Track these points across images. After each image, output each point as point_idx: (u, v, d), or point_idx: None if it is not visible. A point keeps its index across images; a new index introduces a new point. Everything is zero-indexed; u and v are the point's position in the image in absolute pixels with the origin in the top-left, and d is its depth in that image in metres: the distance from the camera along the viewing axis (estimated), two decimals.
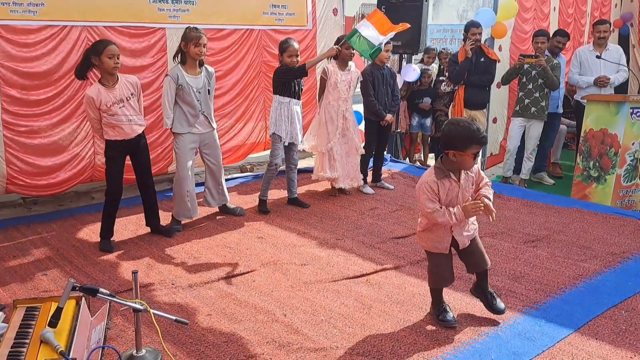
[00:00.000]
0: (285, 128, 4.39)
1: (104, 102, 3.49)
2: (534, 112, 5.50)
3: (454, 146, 2.54)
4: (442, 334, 2.68)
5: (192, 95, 3.87)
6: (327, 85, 4.69)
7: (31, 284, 3.19)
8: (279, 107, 4.41)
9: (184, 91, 3.83)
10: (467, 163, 2.56)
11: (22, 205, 4.61)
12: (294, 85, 4.40)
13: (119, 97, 3.54)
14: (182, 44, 3.84)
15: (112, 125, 3.55)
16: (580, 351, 2.54)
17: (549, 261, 3.55)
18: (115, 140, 3.59)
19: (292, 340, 2.61)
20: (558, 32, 5.84)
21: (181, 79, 3.81)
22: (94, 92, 3.49)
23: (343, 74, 4.70)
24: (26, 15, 4.00)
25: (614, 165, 4.89)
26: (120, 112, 3.54)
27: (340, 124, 4.74)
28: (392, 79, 5.06)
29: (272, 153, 4.49)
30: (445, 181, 2.60)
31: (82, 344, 2.07)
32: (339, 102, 4.71)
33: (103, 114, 3.52)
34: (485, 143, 2.59)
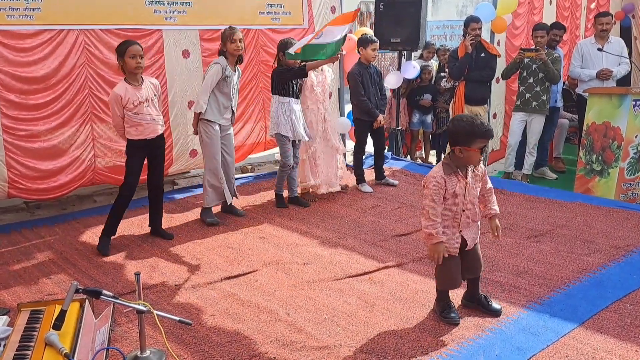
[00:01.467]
0: (290, 127, 4.39)
1: (131, 101, 3.53)
2: (535, 106, 5.48)
3: (460, 142, 2.54)
4: (446, 330, 2.68)
5: (230, 88, 4.11)
6: (304, 90, 4.61)
7: (35, 288, 3.20)
8: (279, 107, 4.40)
9: (226, 82, 4.05)
10: (473, 158, 2.56)
11: (25, 209, 4.63)
12: (292, 85, 4.39)
13: (144, 96, 3.59)
14: (220, 44, 4.10)
15: (135, 124, 3.59)
16: (585, 345, 2.53)
17: (553, 256, 3.54)
18: (138, 139, 3.62)
19: (295, 339, 2.61)
20: (554, 25, 5.82)
21: (227, 70, 4.04)
22: (122, 90, 3.53)
23: (318, 75, 4.63)
24: (23, 20, 4.02)
25: (617, 159, 4.87)
26: (146, 111, 3.60)
27: (321, 127, 4.70)
28: (379, 77, 5.02)
29: (284, 154, 4.47)
30: (453, 177, 2.59)
31: (86, 346, 2.08)
32: (317, 105, 4.66)
33: (127, 112, 3.55)
34: (490, 137, 2.57)
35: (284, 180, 4.61)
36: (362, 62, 4.89)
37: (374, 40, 4.82)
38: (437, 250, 2.59)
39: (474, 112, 5.63)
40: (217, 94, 4.07)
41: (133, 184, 3.71)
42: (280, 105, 4.40)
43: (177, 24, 4.77)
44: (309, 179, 4.75)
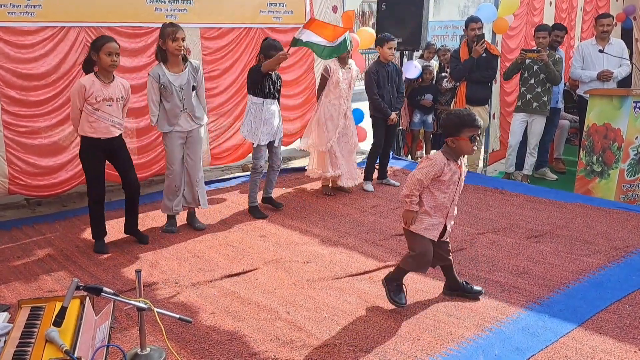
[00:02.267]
0: (253, 130, 4.24)
1: (95, 95, 3.40)
2: (536, 107, 5.48)
3: (451, 133, 2.74)
4: (445, 330, 2.68)
5: (175, 94, 3.75)
6: (329, 84, 4.66)
7: (35, 284, 3.20)
8: (251, 107, 4.26)
9: (166, 90, 3.72)
10: (465, 147, 2.72)
11: (26, 206, 4.64)
12: (267, 86, 4.23)
13: (110, 95, 3.46)
14: (159, 41, 3.72)
15: (91, 120, 3.44)
16: (584, 346, 2.54)
17: (553, 256, 3.54)
18: (91, 137, 3.48)
19: (295, 338, 2.62)
20: (556, 26, 5.82)
21: (162, 77, 3.70)
22: (88, 81, 3.40)
23: (344, 72, 4.68)
24: (24, 17, 4.02)
25: (617, 160, 4.87)
26: (106, 110, 3.46)
27: (342, 123, 4.73)
28: (398, 76, 5.03)
29: (255, 155, 4.36)
30: (452, 164, 2.76)
31: (86, 343, 2.08)
32: (340, 100, 4.69)
33: (87, 105, 3.41)
34: (478, 126, 2.73)
35: (257, 187, 4.41)
36: (381, 61, 4.92)
37: (390, 39, 4.84)
38: (410, 216, 2.82)
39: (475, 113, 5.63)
40: (163, 103, 3.77)
41: (98, 190, 3.57)
42: (252, 105, 4.25)
43: (178, 22, 4.76)
44: (328, 170, 4.77)
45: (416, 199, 2.78)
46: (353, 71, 4.78)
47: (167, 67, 3.73)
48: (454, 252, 3.62)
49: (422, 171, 2.74)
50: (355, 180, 4.96)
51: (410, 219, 2.81)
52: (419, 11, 5.67)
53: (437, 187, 2.76)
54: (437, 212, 2.80)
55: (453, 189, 2.79)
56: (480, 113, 5.65)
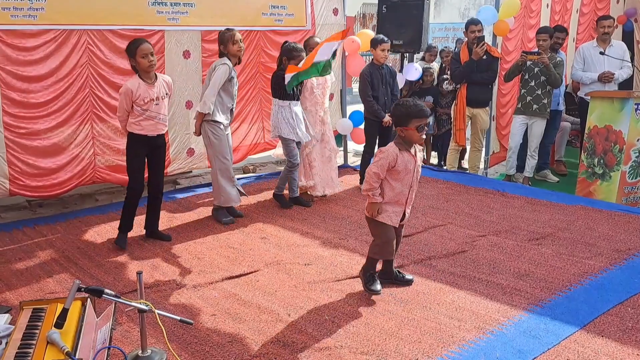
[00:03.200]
0: (290, 129, 4.41)
1: (142, 97, 3.54)
2: (536, 109, 5.48)
3: (400, 123, 2.90)
4: (447, 332, 2.68)
5: (234, 89, 4.13)
6: (303, 91, 4.63)
7: (37, 286, 3.20)
8: (279, 110, 4.43)
9: (231, 83, 4.06)
10: (413, 136, 2.87)
11: (28, 208, 4.64)
12: (292, 89, 4.35)
13: (156, 94, 3.60)
14: (220, 47, 4.05)
15: (140, 120, 3.59)
16: (586, 349, 2.53)
17: (554, 259, 3.54)
18: (139, 134, 3.62)
19: (296, 340, 2.62)
20: (557, 28, 5.82)
21: (233, 71, 4.06)
22: (134, 85, 3.53)
23: (318, 78, 4.63)
24: (26, 20, 4.03)
25: (618, 162, 4.87)
26: (154, 109, 3.61)
27: (319, 129, 4.73)
28: (392, 78, 5.02)
29: (290, 154, 4.50)
30: (405, 154, 2.90)
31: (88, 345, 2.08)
32: (316, 107, 4.69)
33: (136, 107, 3.56)
34: (424, 115, 2.85)
35: (287, 180, 4.62)
36: (374, 63, 4.91)
37: (383, 41, 4.82)
38: (374, 208, 2.95)
39: (475, 114, 5.64)
40: (222, 94, 4.07)
41: (138, 183, 3.71)
42: (280, 108, 4.43)
43: (180, 24, 4.78)
44: (300, 179, 4.77)
45: (377, 190, 2.91)
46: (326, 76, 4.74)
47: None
48: (455, 254, 3.63)
49: (376, 164, 2.89)
50: (335, 188, 4.89)
51: (375, 210, 2.94)
52: (419, 13, 5.67)
53: (394, 177, 2.92)
54: (396, 200, 2.95)
55: (410, 177, 2.93)
56: (481, 115, 5.66)
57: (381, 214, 2.96)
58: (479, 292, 3.09)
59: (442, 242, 3.85)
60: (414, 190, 3.00)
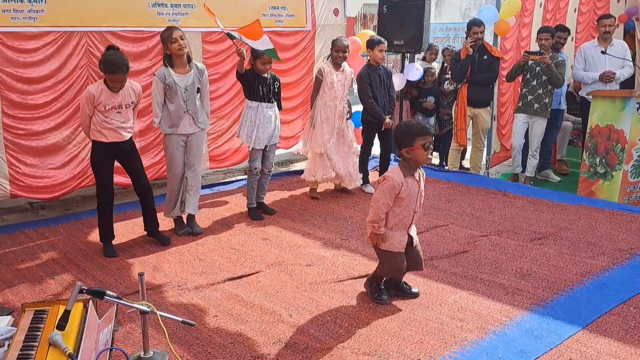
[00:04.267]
0: (247, 133, 4.28)
1: (104, 103, 3.45)
2: (537, 108, 5.47)
3: (404, 145, 2.77)
4: (449, 333, 2.67)
5: (179, 94, 3.77)
6: (323, 86, 4.66)
7: (39, 288, 3.21)
8: (247, 111, 4.33)
9: (171, 90, 3.75)
10: (420, 156, 2.76)
11: (30, 210, 4.65)
12: (261, 89, 4.26)
13: (119, 102, 3.51)
14: (163, 47, 3.81)
15: (101, 127, 3.50)
16: (589, 348, 2.53)
17: (556, 259, 3.53)
18: (102, 141, 3.54)
19: (298, 341, 2.61)
20: (559, 27, 5.81)
21: (168, 77, 3.74)
22: (96, 90, 3.45)
23: (338, 74, 4.68)
24: (26, 22, 4.04)
25: (620, 162, 4.86)
26: (114, 117, 3.51)
27: (337, 124, 4.75)
28: (389, 78, 5.03)
29: (250, 158, 4.41)
30: (410, 179, 2.82)
31: (90, 347, 2.08)
32: (335, 102, 4.70)
33: (97, 112, 3.48)
34: (428, 133, 2.77)
35: (254, 189, 4.43)
36: (371, 64, 4.92)
37: (380, 42, 4.83)
38: (377, 238, 2.89)
39: (476, 114, 5.63)
40: (167, 104, 3.80)
41: (107, 192, 3.61)
42: (247, 109, 4.32)
43: (180, 26, 4.78)
44: (323, 172, 4.77)
45: (382, 222, 2.84)
46: (347, 73, 4.78)
47: (173, 69, 3.78)
48: (457, 254, 3.63)
49: (383, 194, 2.79)
50: (355, 182, 4.97)
51: (378, 240, 2.88)
52: (420, 13, 5.67)
53: (397, 204, 2.82)
54: (400, 227, 2.88)
55: (413, 203, 2.85)
56: (482, 115, 5.65)
57: (385, 242, 2.88)
58: (481, 292, 3.08)
59: (443, 242, 3.84)
60: (418, 214, 2.93)
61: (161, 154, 4.88)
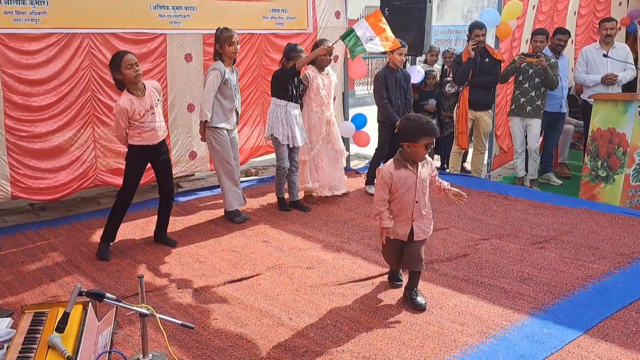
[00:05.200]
0: (282, 131, 4.40)
1: (137, 112, 3.50)
2: (530, 111, 5.47)
3: (408, 139, 2.82)
4: (449, 337, 2.66)
5: (232, 91, 4.08)
6: (309, 92, 4.62)
7: (39, 290, 3.21)
8: (275, 109, 4.43)
9: (227, 85, 4.02)
10: (419, 153, 2.83)
11: (30, 211, 4.65)
12: (291, 89, 4.39)
13: (149, 105, 3.56)
14: (216, 45, 4.01)
15: (139, 132, 3.57)
16: (590, 353, 2.51)
17: (557, 262, 3.52)
18: (140, 145, 3.60)
19: (298, 344, 2.61)
20: (559, 30, 5.81)
21: (227, 73, 4.01)
22: (127, 103, 3.48)
23: (323, 78, 4.64)
24: (29, 24, 4.04)
25: (622, 165, 4.85)
26: (152, 118, 3.58)
27: (324, 130, 4.71)
28: (406, 81, 5.01)
29: (278, 156, 4.52)
30: (402, 171, 2.87)
31: (89, 349, 2.08)
32: (322, 107, 4.67)
33: (134, 122, 3.53)
34: (435, 134, 2.83)
35: (283, 183, 4.62)
36: (390, 66, 4.92)
37: (401, 45, 4.83)
38: (383, 231, 2.94)
39: (478, 117, 5.62)
40: (220, 98, 4.06)
41: (131, 192, 3.68)
42: (276, 107, 4.42)
43: (182, 28, 4.80)
44: (308, 182, 4.77)
45: (386, 213, 2.89)
46: (331, 76, 4.75)
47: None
48: (458, 257, 3.61)
49: (377, 189, 2.90)
50: (341, 189, 4.91)
51: (386, 232, 2.94)
52: (422, 16, 5.67)
53: (391, 194, 2.89)
54: (401, 216, 2.91)
55: (412, 193, 2.87)
56: (483, 118, 5.64)
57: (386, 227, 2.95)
58: (482, 296, 3.07)
59: (444, 245, 3.83)
60: (421, 204, 2.91)
61: None
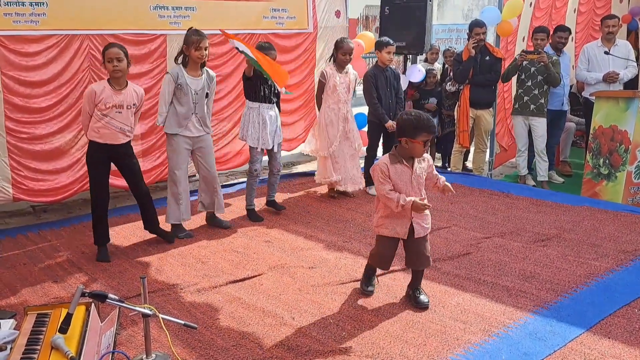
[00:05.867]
0: (252, 134, 4.29)
1: (104, 101, 3.42)
2: (533, 109, 5.45)
3: (406, 134, 2.78)
4: (452, 335, 2.66)
5: (189, 96, 3.81)
6: (326, 89, 4.67)
7: (41, 291, 3.21)
8: (247, 112, 4.33)
9: (182, 91, 3.79)
10: (417, 150, 2.79)
11: (32, 213, 4.66)
12: (262, 89, 4.27)
13: (120, 102, 3.48)
14: (183, 47, 3.80)
15: (98, 126, 3.47)
16: (593, 351, 2.51)
17: (560, 260, 3.51)
18: (98, 142, 3.51)
19: (300, 344, 2.61)
20: (559, 27, 5.79)
21: (181, 78, 3.78)
22: (99, 87, 3.45)
23: (341, 77, 4.68)
24: (28, 25, 4.04)
25: (624, 162, 4.84)
26: (115, 116, 3.48)
27: (342, 127, 4.73)
28: (396, 80, 5.02)
29: (251, 159, 4.42)
30: (398, 166, 2.82)
31: (92, 350, 2.08)
32: (339, 104, 4.70)
33: (97, 111, 3.45)
34: (433, 132, 2.81)
35: (254, 190, 4.44)
36: (379, 65, 4.92)
37: (389, 43, 4.83)
38: (418, 207, 2.77)
39: (479, 116, 5.61)
40: (175, 104, 3.81)
41: (101, 195, 3.58)
42: (248, 110, 4.32)
43: (182, 28, 4.79)
44: (331, 175, 4.79)
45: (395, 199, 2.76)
46: (350, 75, 4.77)
47: (186, 70, 3.82)
48: (460, 256, 3.61)
49: (378, 182, 2.84)
50: (359, 185, 4.96)
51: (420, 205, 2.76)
52: (422, 15, 5.66)
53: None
54: (397, 213, 2.82)
55: (407, 188, 2.82)
56: (484, 116, 5.63)
57: (380, 227, 2.90)
58: (484, 295, 3.07)
59: (446, 244, 3.83)
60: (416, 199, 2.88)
61: (163, 157, 4.88)
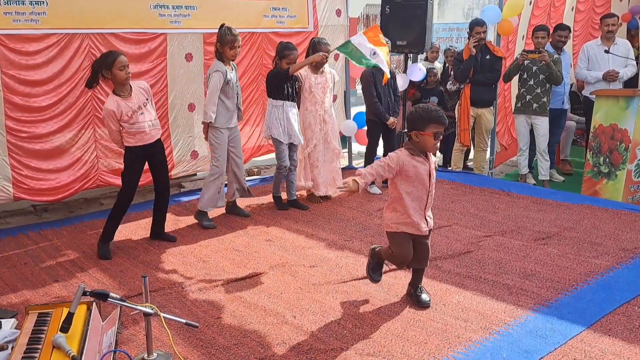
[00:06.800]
0: (281, 130, 4.41)
1: (125, 113, 3.52)
2: (536, 108, 5.45)
3: (416, 127, 2.73)
4: (453, 333, 2.66)
5: (234, 90, 4.11)
6: (302, 91, 4.61)
7: (42, 290, 3.22)
8: (272, 110, 4.43)
9: (229, 86, 4.02)
10: (428, 142, 2.72)
11: (33, 212, 4.66)
12: (286, 88, 4.39)
13: (136, 105, 3.57)
14: (217, 45, 4.00)
15: (133, 133, 3.58)
16: (593, 348, 2.52)
17: (560, 258, 3.52)
18: (137, 145, 3.62)
19: (302, 342, 2.61)
20: (559, 26, 5.79)
21: (228, 73, 4.02)
22: (113, 105, 3.50)
23: (317, 77, 4.61)
24: (28, 24, 4.05)
25: (624, 161, 4.84)
26: (142, 118, 3.59)
27: (319, 129, 4.67)
28: (393, 79, 5.03)
29: (278, 156, 4.51)
30: (417, 157, 2.76)
31: (93, 349, 2.09)
32: (316, 106, 4.63)
33: (124, 124, 3.55)
34: (443, 123, 2.73)
35: (280, 182, 4.62)
36: None
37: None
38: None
39: (479, 114, 5.61)
40: (223, 99, 4.07)
41: (131, 194, 3.71)
42: (273, 108, 4.43)
43: (182, 27, 4.80)
44: (300, 180, 4.78)
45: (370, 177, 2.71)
46: (327, 74, 4.68)
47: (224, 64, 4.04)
48: (461, 254, 3.62)
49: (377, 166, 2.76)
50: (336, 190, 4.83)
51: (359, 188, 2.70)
52: (423, 14, 5.65)
53: (406, 181, 2.76)
54: (414, 209, 2.79)
55: (426, 183, 2.77)
56: (485, 115, 5.64)
57: (397, 223, 2.82)
58: (485, 293, 3.07)
59: (447, 242, 3.83)
60: (432, 195, 2.85)
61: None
